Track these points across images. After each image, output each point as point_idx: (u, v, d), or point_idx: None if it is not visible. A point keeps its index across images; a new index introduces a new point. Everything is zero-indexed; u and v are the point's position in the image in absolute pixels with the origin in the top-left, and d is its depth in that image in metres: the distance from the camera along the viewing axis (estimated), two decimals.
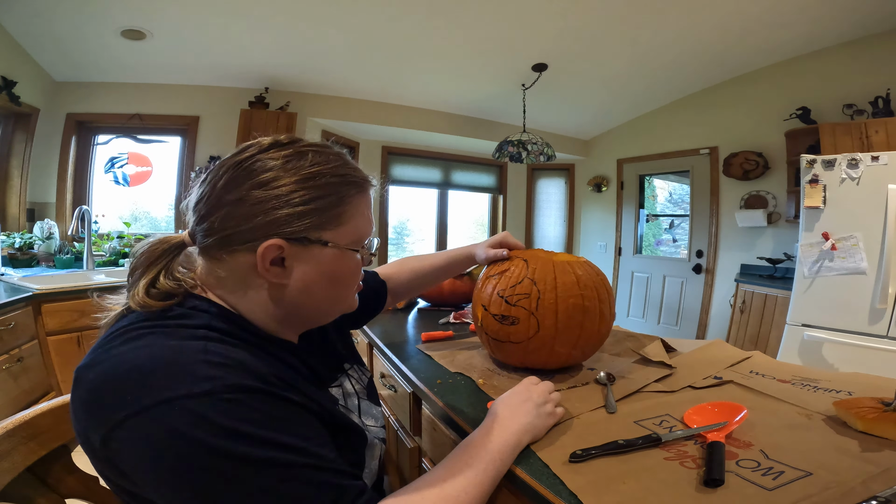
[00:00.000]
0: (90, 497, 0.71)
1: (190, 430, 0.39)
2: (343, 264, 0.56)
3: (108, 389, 0.42)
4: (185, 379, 0.41)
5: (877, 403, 0.64)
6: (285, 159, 0.53)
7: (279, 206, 0.50)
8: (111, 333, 0.48)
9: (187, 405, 0.40)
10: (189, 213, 0.55)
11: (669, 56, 3.18)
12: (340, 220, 0.55)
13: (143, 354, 0.44)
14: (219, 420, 0.40)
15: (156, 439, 0.39)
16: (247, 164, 0.52)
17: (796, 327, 2.49)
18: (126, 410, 0.40)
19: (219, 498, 0.39)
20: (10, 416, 0.62)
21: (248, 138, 0.59)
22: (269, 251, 0.50)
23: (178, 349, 0.44)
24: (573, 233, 4.99)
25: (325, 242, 0.54)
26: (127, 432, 0.40)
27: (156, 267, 0.52)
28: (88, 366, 0.45)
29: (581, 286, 0.84)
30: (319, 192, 0.53)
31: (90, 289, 2.17)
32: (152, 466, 0.40)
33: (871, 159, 2.27)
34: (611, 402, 0.74)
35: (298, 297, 0.55)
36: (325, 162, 0.55)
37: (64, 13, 2.35)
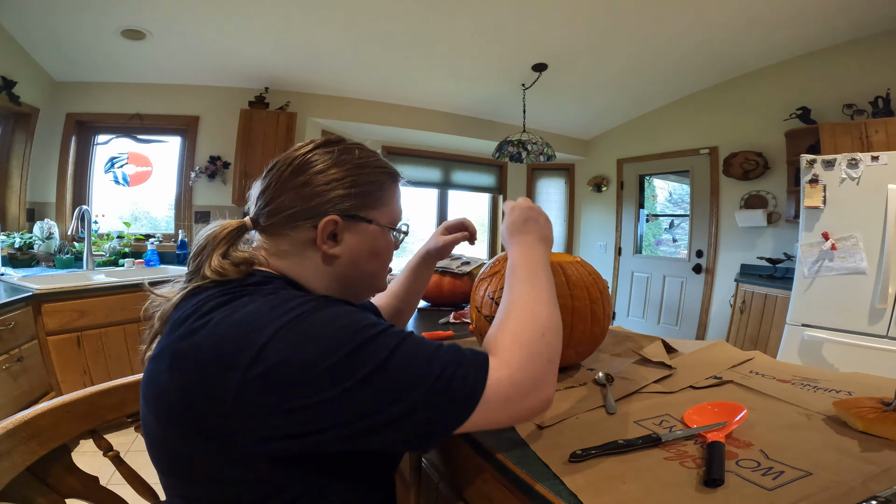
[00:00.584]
0: (90, 497, 0.71)
1: (320, 329, 0.48)
2: (383, 240, 0.67)
3: (230, 338, 0.48)
4: (289, 308, 0.50)
5: (877, 403, 0.64)
6: (339, 153, 0.64)
7: (335, 189, 0.62)
8: (197, 308, 0.53)
9: (306, 318, 0.49)
10: (252, 201, 0.66)
11: (669, 56, 3.18)
12: (381, 203, 0.67)
13: (248, 308, 0.51)
14: (332, 315, 0.50)
15: (298, 350, 0.46)
16: (308, 156, 0.63)
17: (796, 327, 2.49)
18: (257, 344, 0.46)
19: (371, 365, 0.47)
20: (10, 416, 0.62)
21: (248, 138, 0.67)
22: (327, 225, 0.61)
23: (274, 297, 0.53)
24: (573, 233, 4.99)
25: (369, 220, 0.65)
26: (265, 361, 0.46)
27: (223, 246, 0.61)
28: (186, 335, 0.50)
29: (571, 286, 0.84)
30: (366, 179, 0.65)
31: (96, 288, 2.19)
32: (305, 373, 0.46)
33: (871, 159, 2.27)
34: (610, 403, 0.74)
35: (346, 268, 0.64)
36: (368, 157, 0.67)
37: (64, 13, 2.35)
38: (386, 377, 0.47)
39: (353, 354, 0.47)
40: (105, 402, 0.74)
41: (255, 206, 0.65)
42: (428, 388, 0.47)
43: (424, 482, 0.91)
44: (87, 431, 0.73)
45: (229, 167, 3.22)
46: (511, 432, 0.67)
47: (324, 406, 0.46)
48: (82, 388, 0.72)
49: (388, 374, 0.47)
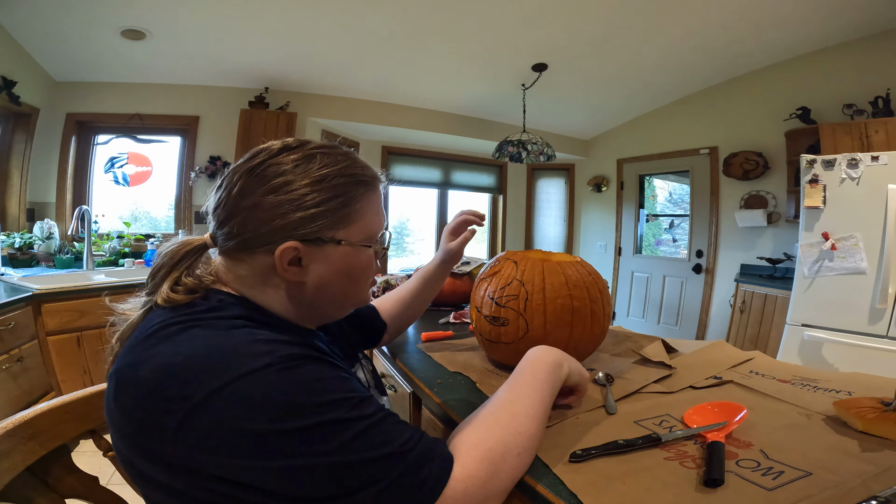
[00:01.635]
0: (90, 497, 0.71)
1: (270, 396, 0.42)
2: (356, 260, 0.59)
3: (173, 380, 0.43)
4: (245, 359, 0.44)
5: (877, 403, 0.64)
6: (295, 163, 0.55)
7: (293, 210, 0.53)
8: (146, 334, 0.49)
9: (260, 376, 0.43)
10: (209, 217, 0.58)
11: (669, 56, 3.18)
12: (351, 219, 0.57)
13: (196, 345, 0.46)
14: (288, 385, 0.44)
15: (238, 413, 0.42)
16: (259, 169, 0.55)
17: (796, 327, 2.49)
18: (201, 393, 0.42)
19: (311, 452, 0.42)
20: (10, 416, 0.62)
21: (248, 138, 0.63)
22: (286, 253, 0.53)
23: (229, 336, 0.47)
24: (573, 233, 4.99)
25: (338, 241, 0.56)
26: (207, 413, 0.42)
27: (179, 268, 0.55)
28: (133, 365, 0.46)
29: (570, 286, 0.84)
30: (330, 194, 0.55)
31: (96, 288, 2.18)
32: (245, 439, 0.41)
33: (871, 159, 2.27)
34: (610, 403, 0.74)
35: (315, 294, 0.58)
36: (334, 163, 0.57)
37: (64, 13, 2.35)
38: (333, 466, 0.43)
39: (306, 430, 0.42)
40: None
41: (212, 222, 0.58)
42: (373, 494, 0.43)
43: None
44: (87, 431, 0.73)
45: (229, 167, 3.22)
46: None
47: (253, 473, 0.42)
48: (82, 388, 0.72)
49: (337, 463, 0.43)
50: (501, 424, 0.53)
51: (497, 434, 0.51)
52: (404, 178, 4.38)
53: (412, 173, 4.41)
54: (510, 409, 0.55)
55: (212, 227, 0.58)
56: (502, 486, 0.49)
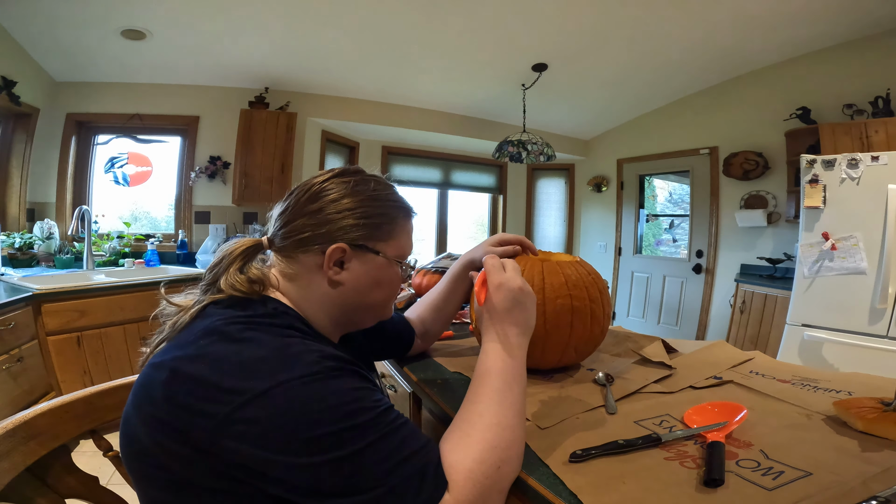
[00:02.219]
0: (90, 497, 0.71)
1: (314, 398, 0.49)
2: (387, 272, 0.67)
3: (232, 374, 0.49)
4: (297, 364, 0.51)
5: (877, 403, 0.64)
6: (354, 184, 0.66)
7: (346, 218, 0.63)
8: (206, 329, 0.55)
9: (307, 382, 0.50)
10: (272, 221, 0.68)
11: (669, 56, 3.18)
12: (390, 236, 0.67)
13: (256, 349, 0.52)
14: (330, 391, 0.50)
15: (287, 410, 0.48)
16: (324, 184, 0.66)
17: (796, 327, 2.49)
18: (256, 389, 0.48)
19: (346, 450, 0.48)
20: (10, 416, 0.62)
21: (248, 138, 0.68)
22: (335, 252, 0.62)
23: (285, 343, 0.54)
24: (573, 233, 4.99)
25: (377, 251, 0.66)
26: (257, 408, 0.47)
27: (238, 262, 0.64)
28: (192, 358, 0.52)
29: (570, 286, 0.84)
30: (377, 211, 0.66)
31: (96, 288, 2.19)
32: (283, 434, 0.47)
33: (871, 159, 2.27)
34: (610, 403, 0.74)
35: (349, 296, 0.65)
36: (384, 189, 0.68)
37: (64, 13, 2.35)
38: (352, 465, 0.48)
39: (336, 434, 0.48)
40: (105, 402, 0.74)
41: (273, 226, 0.67)
42: (378, 495, 0.48)
43: None
44: (87, 431, 0.73)
45: (229, 167, 3.22)
46: None
47: (282, 467, 0.48)
48: (82, 388, 0.72)
49: (355, 463, 0.48)
50: (477, 441, 0.53)
51: (474, 453, 0.52)
52: (404, 178, 4.37)
53: (412, 173, 4.41)
54: (484, 425, 0.55)
55: (272, 231, 0.67)
56: (492, 499, 0.52)
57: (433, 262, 1.52)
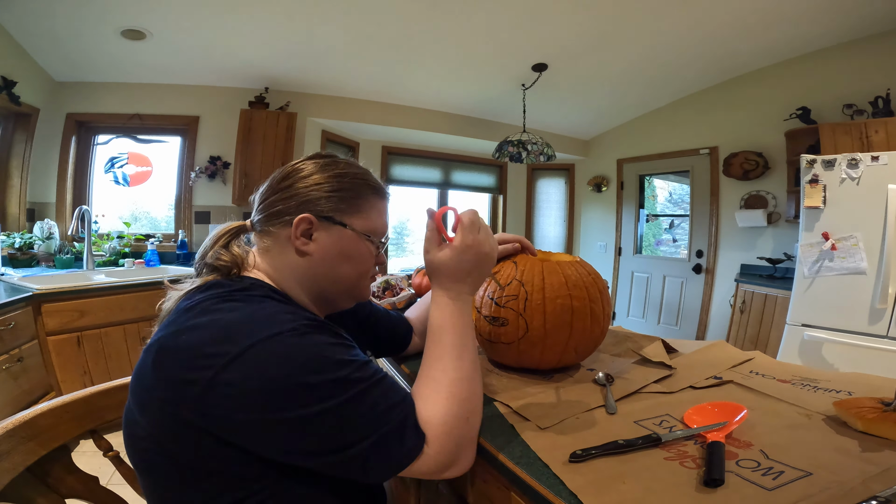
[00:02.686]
0: (90, 497, 0.72)
1: (292, 353, 0.51)
2: (356, 246, 0.69)
3: (210, 341, 0.52)
4: (273, 324, 0.54)
5: (877, 403, 0.64)
6: (324, 163, 0.70)
7: (312, 192, 0.67)
8: (186, 308, 0.58)
9: (283, 338, 0.52)
10: (254, 203, 0.72)
11: (670, 56, 3.18)
12: (358, 210, 0.69)
13: (232, 315, 0.55)
14: (311, 346, 0.53)
15: (267, 366, 0.50)
16: (297, 165, 0.70)
17: (796, 327, 2.49)
18: (235, 350, 0.50)
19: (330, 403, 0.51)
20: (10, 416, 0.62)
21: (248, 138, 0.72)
22: (301, 222, 0.65)
23: (260, 306, 0.58)
24: (573, 233, 4.99)
25: (343, 224, 0.68)
26: (237, 368, 0.50)
27: (224, 239, 0.69)
28: (175, 332, 0.55)
29: (570, 286, 0.84)
30: (344, 186, 0.69)
31: (96, 288, 2.19)
32: (266, 390, 0.49)
33: (871, 159, 2.27)
34: (610, 403, 0.74)
35: (319, 268, 0.68)
36: (352, 168, 0.71)
37: (64, 13, 2.35)
38: (337, 418, 0.51)
39: (317, 386, 0.51)
40: (105, 402, 0.74)
41: (254, 210, 0.72)
42: (365, 447, 0.52)
43: (424, 482, 0.91)
44: (87, 431, 0.73)
45: (229, 167, 3.22)
46: (511, 432, 0.67)
47: (271, 425, 0.50)
48: (82, 388, 0.73)
49: (341, 416, 0.51)
50: (445, 397, 0.58)
51: (444, 409, 0.57)
52: (404, 178, 4.38)
53: (412, 173, 4.41)
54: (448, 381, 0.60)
55: (254, 212, 0.71)
56: (466, 447, 0.59)
57: None
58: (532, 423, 0.68)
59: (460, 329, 0.64)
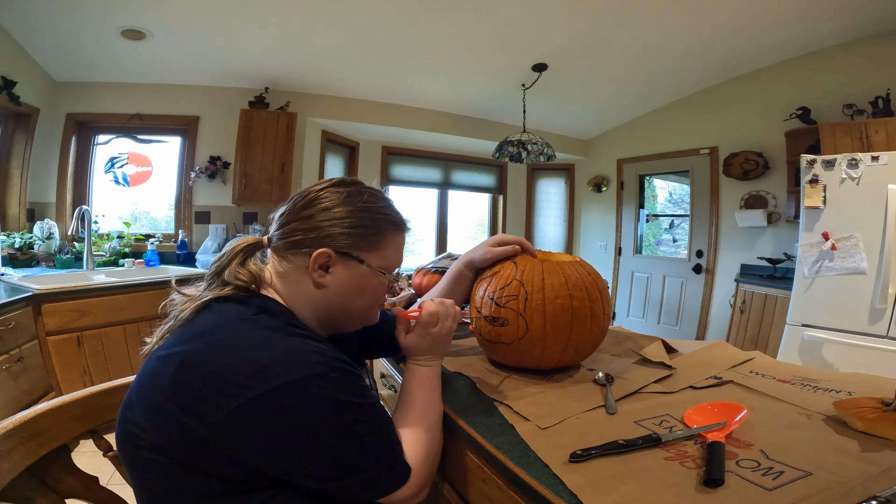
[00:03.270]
0: (90, 497, 0.72)
1: (320, 401, 0.55)
2: (371, 281, 0.71)
3: (241, 370, 0.54)
4: (303, 364, 0.56)
5: (877, 403, 0.64)
6: (347, 194, 0.70)
7: (335, 226, 0.68)
8: (214, 325, 0.60)
9: (312, 382, 0.55)
10: (273, 222, 0.73)
11: (669, 56, 3.18)
12: (377, 247, 0.71)
13: (262, 348, 0.57)
14: (336, 391, 0.57)
15: (293, 410, 0.53)
16: (320, 192, 0.70)
17: (796, 327, 2.49)
18: (264, 387, 0.53)
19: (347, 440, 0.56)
20: (10, 416, 0.62)
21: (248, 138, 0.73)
22: (320, 257, 0.66)
23: (290, 342, 0.60)
24: (573, 233, 4.99)
25: (361, 260, 0.69)
26: (264, 405, 0.52)
27: (240, 256, 0.70)
28: (201, 352, 0.56)
29: (570, 286, 0.84)
30: (366, 222, 0.69)
31: (96, 288, 2.19)
32: (288, 434, 0.53)
33: (871, 159, 2.27)
34: (610, 403, 0.74)
35: (332, 299, 0.69)
36: (376, 202, 0.72)
37: (64, 13, 2.35)
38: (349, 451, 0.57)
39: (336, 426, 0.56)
40: (105, 403, 0.74)
41: (273, 227, 0.72)
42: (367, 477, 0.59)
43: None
44: (87, 431, 0.73)
45: (229, 167, 3.22)
46: (511, 432, 0.67)
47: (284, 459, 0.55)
48: (82, 388, 0.73)
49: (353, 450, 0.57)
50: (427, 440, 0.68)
51: (425, 450, 0.67)
52: (404, 178, 4.38)
53: (412, 173, 4.41)
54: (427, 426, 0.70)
55: (272, 231, 0.72)
56: (429, 481, 0.68)
57: (433, 262, 1.52)
58: (532, 423, 0.68)
59: (428, 388, 0.74)
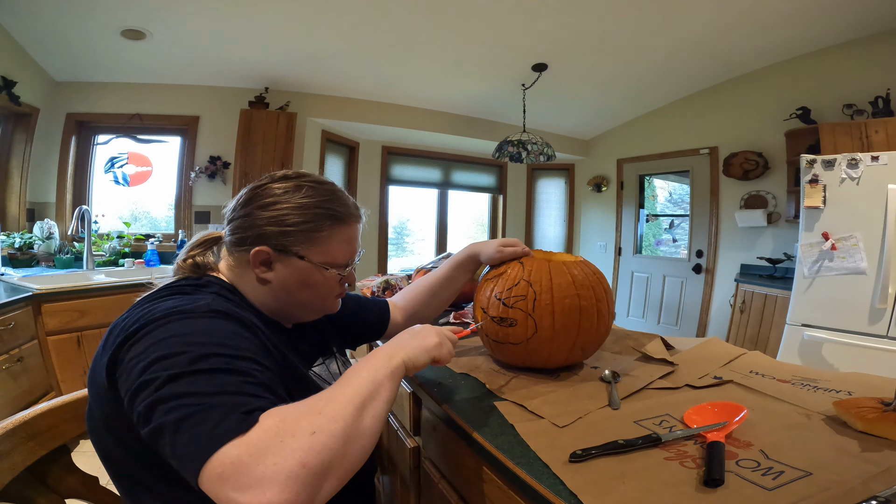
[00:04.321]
0: (90, 497, 0.72)
1: (175, 332, 0.52)
2: (314, 276, 0.70)
3: (129, 325, 0.54)
4: (183, 308, 0.55)
5: (877, 403, 0.64)
6: (285, 190, 0.70)
7: (271, 224, 0.68)
8: (140, 299, 0.63)
9: (176, 318, 0.54)
10: (225, 216, 0.74)
11: (670, 56, 3.18)
12: (316, 243, 0.70)
13: (162, 303, 0.58)
14: (196, 326, 0.53)
15: (148, 342, 0.51)
16: (259, 189, 0.71)
17: (796, 327, 2.49)
18: (134, 331, 0.53)
19: (169, 373, 0.47)
20: (10, 416, 0.62)
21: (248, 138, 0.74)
22: (258, 254, 0.68)
23: (189, 297, 0.60)
24: (573, 233, 4.99)
25: (301, 256, 0.69)
26: (131, 346, 0.52)
27: (198, 248, 0.73)
28: (124, 318, 0.58)
29: (577, 286, 0.84)
30: (303, 219, 0.68)
31: (96, 288, 2.19)
32: (139, 359, 0.49)
33: (871, 159, 2.27)
34: (615, 399, 0.74)
35: (279, 294, 0.70)
36: (316, 195, 0.70)
37: (64, 13, 2.35)
38: (178, 388, 0.46)
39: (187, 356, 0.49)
40: None
41: (226, 224, 0.73)
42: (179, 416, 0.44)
43: (424, 482, 0.91)
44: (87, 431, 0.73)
45: (229, 167, 3.22)
46: (511, 432, 0.67)
47: (139, 388, 0.47)
48: (82, 388, 0.72)
49: (181, 387, 0.46)
50: (306, 404, 0.48)
51: (298, 408, 0.47)
52: (404, 178, 4.38)
53: (412, 173, 4.41)
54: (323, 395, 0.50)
55: (225, 228, 0.73)
56: (281, 464, 0.41)
57: (433, 262, 1.52)
58: (532, 424, 0.68)
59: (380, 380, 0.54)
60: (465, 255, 1.00)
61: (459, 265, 1.00)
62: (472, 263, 1.00)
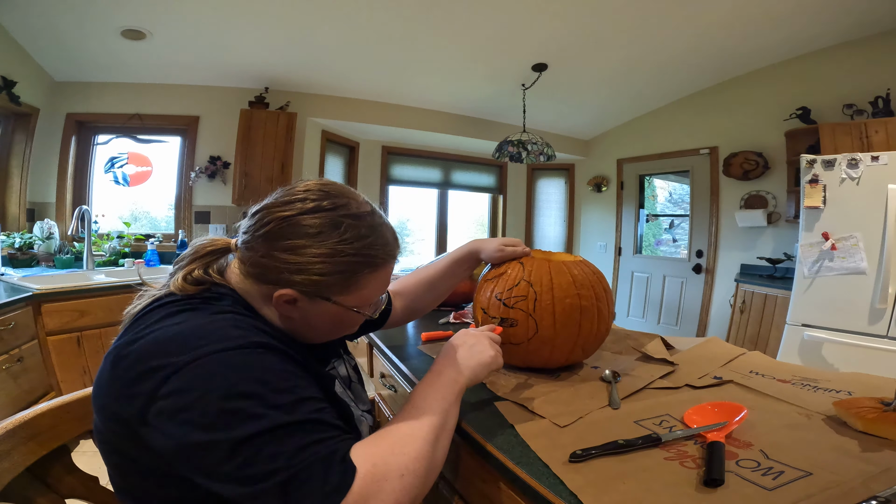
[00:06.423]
0: (90, 497, 0.72)
1: (228, 374, 0.48)
2: (344, 317, 0.65)
3: (158, 352, 0.49)
4: (220, 339, 0.51)
5: (877, 403, 0.64)
6: (318, 229, 0.59)
7: (300, 272, 0.59)
8: (145, 313, 0.56)
9: (227, 355, 0.49)
10: (240, 232, 0.64)
11: (669, 56, 3.18)
12: (350, 290, 0.62)
13: (181, 326, 0.53)
14: (249, 368, 0.49)
15: (204, 382, 0.47)
16: (287, 223, 0.59)
17: (796, 327, 2.49)
18: (171, 367, 0.48)
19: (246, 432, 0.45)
20: (10, 416, 0.62)
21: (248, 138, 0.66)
22: (282, 296, 0.59)
23: (211, 320, 0.54)
24: (573, 233, 4.99)
25: (333, 301, 0.62)
26: (176, 381, 0.47)
27: (201, 262, 0.63)
28: (130, 342, 0.52)
29: (578, 286, 0.84)
30: (337, 269, 0.60)
31: (96, 288, 2.19)
32: (199, 407, 0.46)
33: (871, 159, 2.27)
34: (615, 399, 0.74)
35: (301, 328, 0.64)
36: (354, 238, 0.60)
37: (64, 13, 2.35)
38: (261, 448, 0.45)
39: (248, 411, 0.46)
40: None
41: (241, 235, 0.64)
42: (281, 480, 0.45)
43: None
44: (87, 431, 0.73)
45: (229, 167, 3.22)
46: (511, 432, 0.67)
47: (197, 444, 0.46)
48: (82, 388, 0.72)
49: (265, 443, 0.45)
50: (388, 442, 0.52)
51: (382, 450, 0.50)
52: (404, 178, 4.38)
53: (412, 173, 4.41)
54: (401, 430, 0.54)
55: (239, 240, 0.63)
56: None
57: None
58: (532, 424, 0.68)
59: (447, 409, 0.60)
60: (465, 251, 0.98)
61: (459, 261, 0.99)
62: (473, 260, 0.99)
